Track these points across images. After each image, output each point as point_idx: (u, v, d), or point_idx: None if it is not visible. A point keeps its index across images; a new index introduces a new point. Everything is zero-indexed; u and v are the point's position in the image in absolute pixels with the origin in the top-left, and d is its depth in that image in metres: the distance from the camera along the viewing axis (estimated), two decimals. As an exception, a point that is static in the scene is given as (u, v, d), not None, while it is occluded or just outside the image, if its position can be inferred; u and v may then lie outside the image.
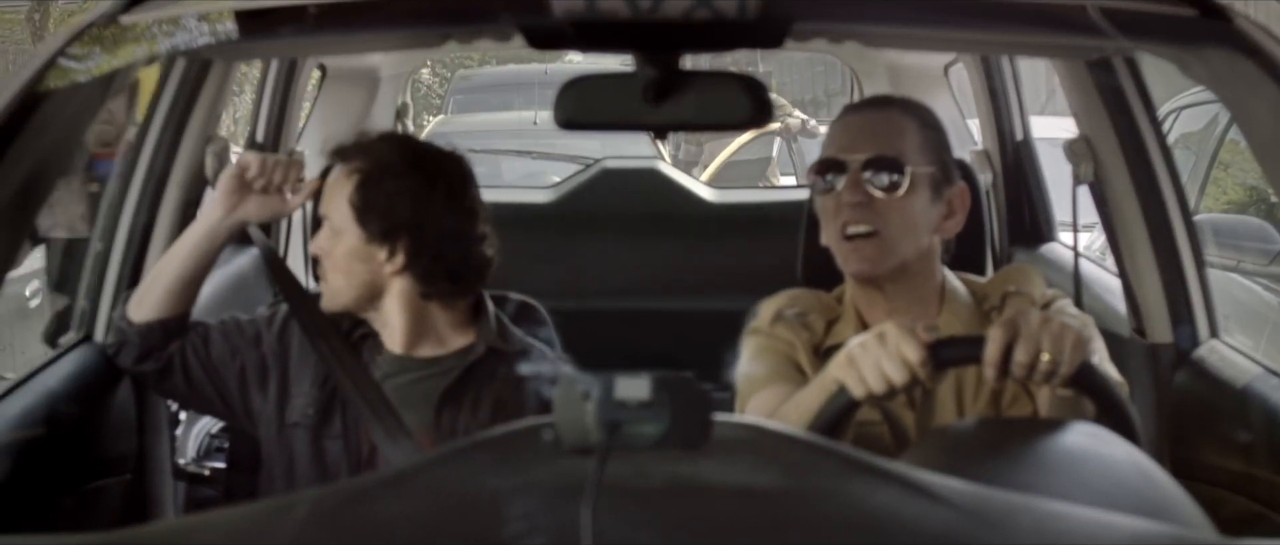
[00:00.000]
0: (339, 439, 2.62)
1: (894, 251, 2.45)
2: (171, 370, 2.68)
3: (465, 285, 2.71)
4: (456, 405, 2.62)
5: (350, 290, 2.62)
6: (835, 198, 2.47)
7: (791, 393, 2.32)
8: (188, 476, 3.13)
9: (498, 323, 2.73)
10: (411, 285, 2.65)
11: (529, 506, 1.30)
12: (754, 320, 2.58)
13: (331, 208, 2.62)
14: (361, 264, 2.62)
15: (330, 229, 2.62)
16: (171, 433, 3.07)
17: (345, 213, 2.61)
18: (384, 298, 2.65)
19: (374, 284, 2.63)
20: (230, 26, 2.10)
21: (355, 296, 2.63)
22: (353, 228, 2.61)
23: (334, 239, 2.61)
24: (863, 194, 2.44)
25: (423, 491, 1.39)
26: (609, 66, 3.53)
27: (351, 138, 2.71)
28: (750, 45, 2.05)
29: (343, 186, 2.62)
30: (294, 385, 2.68)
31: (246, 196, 2.66)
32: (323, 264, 2.63)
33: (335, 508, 1.36)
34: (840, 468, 1.43)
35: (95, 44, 2.03)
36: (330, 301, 2.65)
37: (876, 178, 2.44)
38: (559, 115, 2.00)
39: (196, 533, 1.43)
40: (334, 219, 2.61)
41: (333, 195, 2.63)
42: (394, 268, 2.63)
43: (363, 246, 2.61)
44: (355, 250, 2.61)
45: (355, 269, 2.61)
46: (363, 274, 2.62)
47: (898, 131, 2.48)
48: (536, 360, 2.67)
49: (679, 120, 1.99)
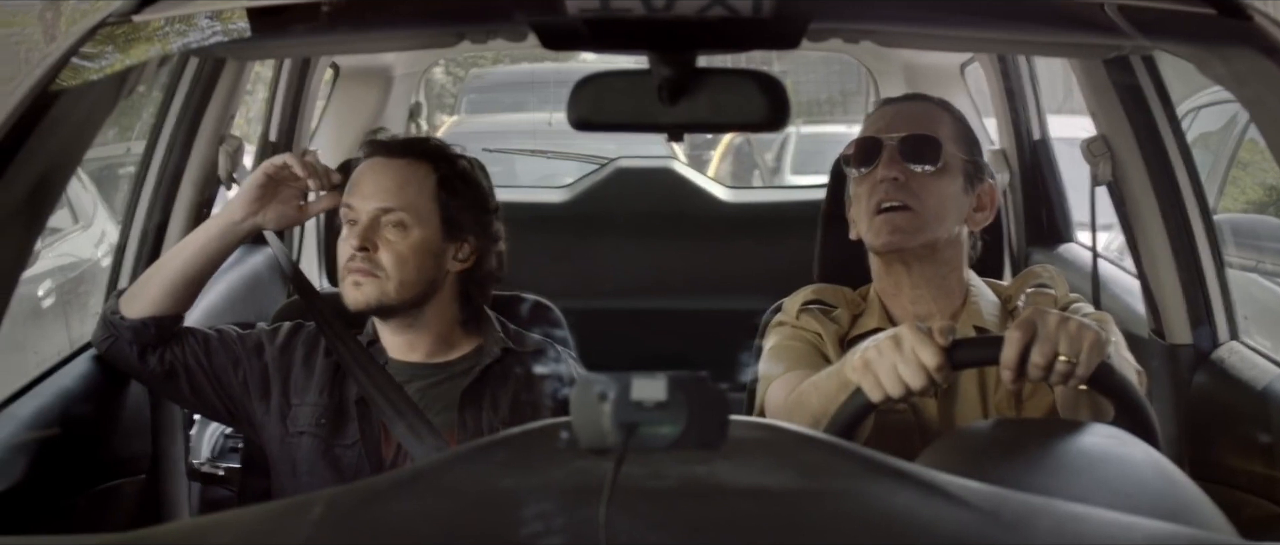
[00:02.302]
0: (353, 447, 2.60)
1: (925, 227, 2.48)
2: (174, 374, 2.66)
3: (490, 289, 2.73)
4: (476, 406, 2.62)
5: (413, 286, 2.60)
6: (871, 176, 2.51)
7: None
8: (202, 477, 3.13)
9: (501, 324, 2.72)
10: (458, 286, 2.66)
11: (545, 506, 1.30)
12: (780, 312, 2.61)
13: (402, 201, 2.59)
14: (433, 259, 2.61)
15: (395, 222, 2.58)
16: (185, 433, 3.06)
17: (427, 207, 2.59)
18: (434, 297, 2.63)
19: (435, 281, 2.62)
20: (243, 25, 2.09)
21: (415, 293, 2.60)
22: (434, 222, 2.60)
23: (402, 232, 2.58)
24: (899, 170, 2.48)
25: (439, 491, 1.39)
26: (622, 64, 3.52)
27: (398, 137, 2.71)
28: (766, 45, 2.04)
29: (421, 182, 2.60)
30: (296, 395, 2.66)
31: (269, 201, 2.64)
32: (376, 257, 2.58)
33: (351, 507, 1.36)
34: (857, 469, 1.43)
35: (108, 42, 2.03)
36: (381, 296, 2.59)
37: (914, 155, 2.49)
38: (572, 115, 1.99)
39: (212, 533, 1.43)
40: (409, 213, 2.58)
41: (402, 189, 2.59)
42: (458, 266, 2.64)
43: (439, 241, 2.61)
44: (430, 244, 2.60)
45: (426, 264, 2.60)
46: (431, 270, 2.61)
47: (935, 118, 2.54)
48: (552, 361, 2.67)
49: (695, 120, 1.97)
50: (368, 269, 2.58)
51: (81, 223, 8.07)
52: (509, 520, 1.30)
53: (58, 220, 7.41)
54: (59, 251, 7.50)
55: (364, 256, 2.58)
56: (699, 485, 1.34)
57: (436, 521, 1.34)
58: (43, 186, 1.94)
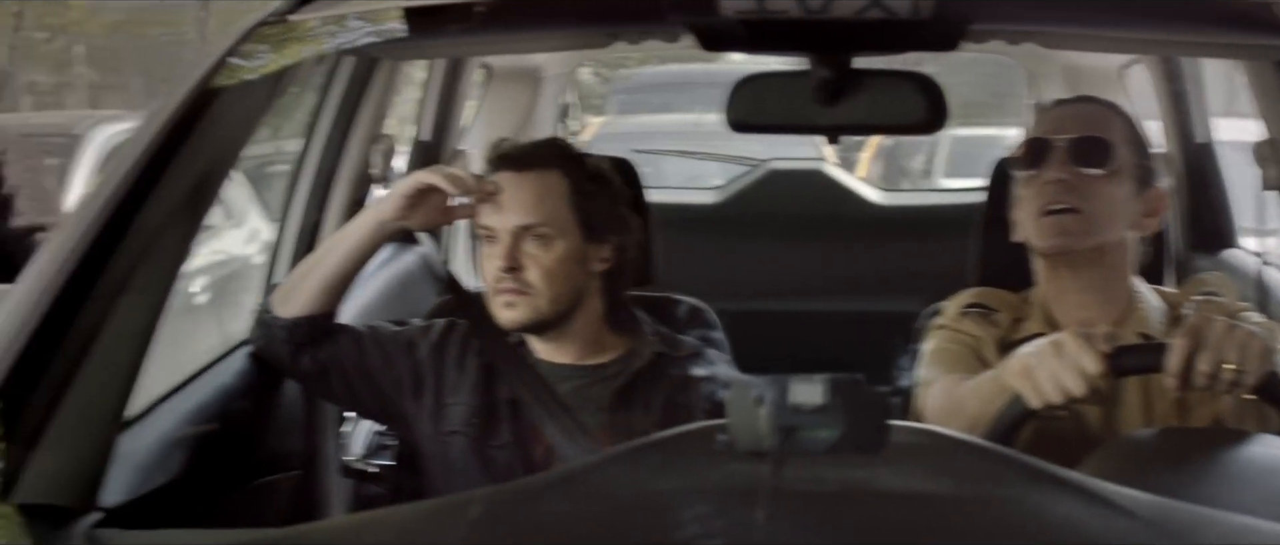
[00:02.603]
0: (506, 447, 2.61)
1: (1094, 230, 2.44)
2: (326, 372, 2.67)
3: (637, 283, 2.73)
4: (628, 408, 2.61)
5: (565, 297, 2.59)
6: (1038, 178, 2.47)
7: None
8: (354, 474, 3.15)
9: (651, 326, 2.71)
10: (604, 285, 2.66)
11: (701, 509, 1.30)
12: (938, 315, 2.59)
13: (541, 215, 2.58)
14: (578, 265, 2.60)
15: (537, 237, 2.57)
16: (339, 430, 3.09)
17: (565, 215, 2.58)
18: (583, 301, 2.63)
19: (582, 288, 2.62)
20: (398, 25, 2.10)
21: (567, 303, 2.60)
22: (574, 229, 2.59)
23: (546, 246, 2.57)
24: (1069, 172, 2.45)
25: (594, 493, 1.39)
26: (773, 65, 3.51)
27: (522, 145, 2.70)
28: (924, 47, 2.02)
29: (555, 191, 2.59)
30: (449, 395, 2.67)
31: (418, 205, 2.64)
32: (524, 277, 2.57)
33: (507, 508, 1.36)
34: (1018, 476, 1.41)
35: (265, 42, 2.05)
36: (535, 313, 2.59)
37: (1083, 157, 2.45)
38: (731, 116, 1.98)
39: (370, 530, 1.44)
40: (550, 225, 2.57)
41: (539, 203, 2.58)
42: (602, 266, 2.63)
43: (581, 246, 2.60)
44: (573, 252, 2.59)
45: (573, 272, 2.59)
46: (578, 276, 2.60)
47: (1106, 121, 2.50)
48: (706, 363, 2.65)
49: (852, 122, 1.96)
50: (518, 288, 2.58)
51: (233, 220, 8.20)
52: (664, 523, 1.30)
53: (211, 218, 7.54)
54: (212, 248, 7.63)
55: (512, 276, 2.57)
56: (857, 490, 1.34)
57: (592, 523, 1.34)
58: (202, 184, 1.96)
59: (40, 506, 1.63)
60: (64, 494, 1.67)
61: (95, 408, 1.74)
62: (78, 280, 1.74)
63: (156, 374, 1.84)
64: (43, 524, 1.60)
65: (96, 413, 1.75)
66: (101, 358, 1.73)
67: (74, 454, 1.70)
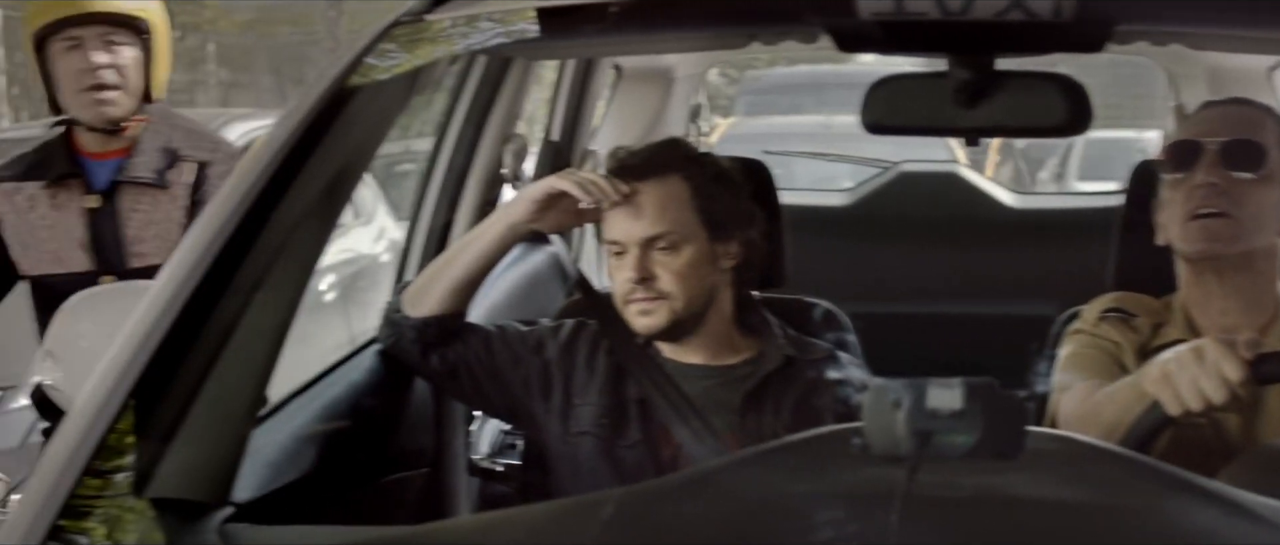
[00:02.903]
0: (635, 447, 2.60)
1: (1243, 236, 2.40)
2: (456, 372, 2.69)
3: (768, 285, 2.72)
4: (759, 410, 2.60)
5: (698, 298, 2.59)
6: (1187, 181, 2.43)
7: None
8: (482, 473, 3.16)
9: (781, 329, 2.69)
10: (735, 284, 2.65)
11: (834, 513, 1.30)
12: (1077, 320, 2.56)
13: (666, 223, 2.57)
14: (709, 266, 2.60)
15: (665, 246, 2.57)
16: (467, 429, 3.10)
17: (690, 219, 2.58)
18: (714, 301, 2.62)
19: (714, 286, 2.62)
20: (532, 25, 2.10)
21: (701, 304, 2.60)
22: (700, 231, 2.59)
23: (674, 253, 2.58)
24: (1219, 176, 2.40)
25: (727, 494, 1.39)
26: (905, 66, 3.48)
27: (640, 152, 2.68)
28: (1067, 48, 1.98)
29: (677, 196, 2.59)
30: (578, 395, 2.67)
31: (550, 208, 2.65)
32: (656, 285, 2.58)
33: (639, 508, 1.36)
34: (1156, 484, 1.39)
35: (401, 41, 2.06)
36: (672, 317, 2.59)
37: (1235, 160, 2.41)
38: (866, 118, 1.96)
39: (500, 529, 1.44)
40: (676, 232, 2.57)
41: (663, 211, 2.58)
42: (731, 263, 2.63)
43: (709, 247, 2.60)
44: (702, 254, 2.59)
45: (704, 273, 2.59)
46: (710, 277, 2.60)
47: (1259, 124, 2.46)
48: (838, 367, 2.63)
49: (992, 124, 1.93)
50: (651, 296, 2.58)
51: (362, 219, 8.29)
52: (797, 526, 1.30)
53: (341, 216, 7.61)
54: (341, 246, 7.71)
55: (644, 286, 2.58)
56: (993, 496, 1.33)
57: (724, 525, 1.35)
58: (336, 183, 1.98)
59: (173, 501, 1.64)
60: (197, 489, 1.68)
61: (229, 404, 1.76)
62: (214, 277, 1.75)
63: (285, 371, 1.85)
64: (175, 518, 1.62)
65: (231, 409, 1.76)
66: (236, 354, 1.74)
67: (207, 449, 1.72)
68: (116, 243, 3.18)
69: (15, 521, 1.57)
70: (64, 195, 3.21)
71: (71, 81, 3.14)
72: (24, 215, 3.22)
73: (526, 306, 3.38)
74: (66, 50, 3.14)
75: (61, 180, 3.22)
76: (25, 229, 3.22)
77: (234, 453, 1.74)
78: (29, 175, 3.25)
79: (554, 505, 1.45)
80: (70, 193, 3.21)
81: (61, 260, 3.19)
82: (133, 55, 3.17)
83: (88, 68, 3.12)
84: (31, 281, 3.24)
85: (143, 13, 3.18)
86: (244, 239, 1.79)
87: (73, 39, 3.13)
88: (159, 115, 3.26)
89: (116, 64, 3.14)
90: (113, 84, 3.14)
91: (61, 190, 3.22)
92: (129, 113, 3.19)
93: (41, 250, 3.21)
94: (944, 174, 4.70)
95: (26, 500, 1.58)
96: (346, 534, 1.77)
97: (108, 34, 3.14)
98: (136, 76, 3.18)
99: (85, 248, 3.19)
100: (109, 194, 3.20)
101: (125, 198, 3.19)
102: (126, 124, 3.20)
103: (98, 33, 3.13)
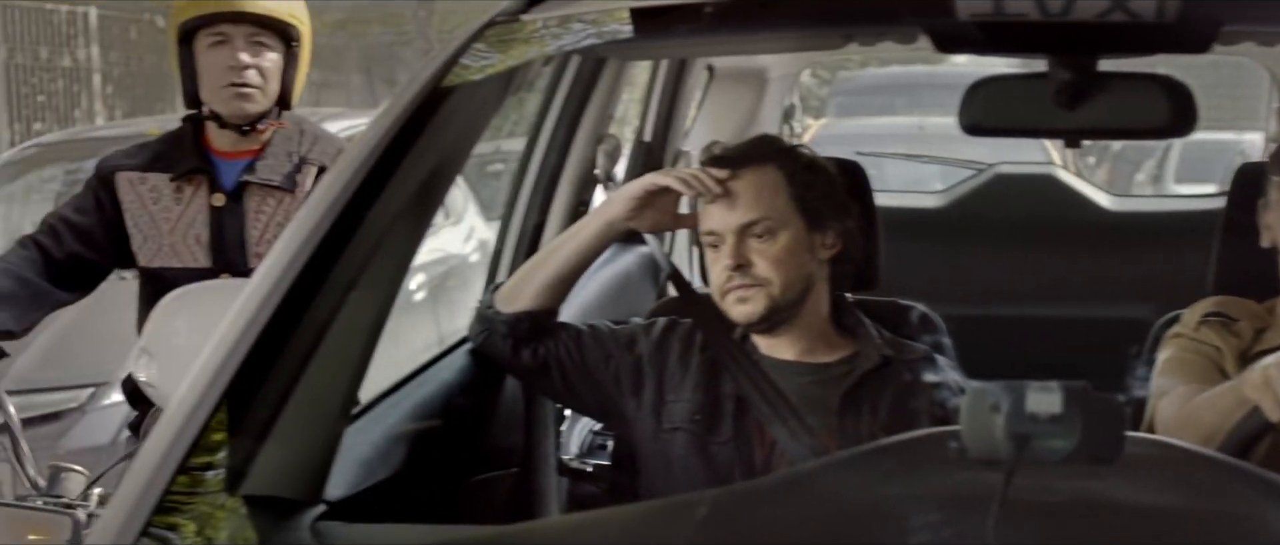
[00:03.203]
0: (727, 444, 2.60)
1: None
2: (547, 369, 2.69)
3: (862, 286, 2.70)
4: (856, 411, 2.59)
5: (795, 284, 2.59)
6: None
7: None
8: (571, 473, 3.16)
9: (877, 330, 2.68)
10: (832, 278, 2.65)
11: (930, 517, 1.30)
12: (1176, 324, 2.53)
13: (761, 209, 2.58)
14: (806, 253, 2.60)
15: (761, 233, 2.57)
16: (557, 429, 3.10)
17: (785, 206, 2.59)
18: (811, 291, 2.62)
19: (811, 276, 2.61)
20: (626, 25, 2.10)
21: (798, 291, 2.60)
22: (796, 218, 2.59)
23: (770, 240, 2.58)
24: None
25: (823, 496, 1.39)
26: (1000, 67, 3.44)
27: (734, 146, 2.68)
28: (1171, 49, 1.94)
29: (772, 184, 2.59)
30: (671, 392, 2.67)
31: (648, 208, 2.65)
32: (753, 272, 2.58)
33: (734, 509, 1.36)
34: (1256, 491, 1.37)
35: (496, 41, 2.06)
36: (770, 304, 2.58)
37: None
38: (964, 119, 1.93)
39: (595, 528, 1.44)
40: (772, 218, 2.57)
41: (758, 198, 2.58)
42: (828, 253, 2.63)
43: (805, 235, 2.60)
44: (799, 240, 2.59)
45: (801, 260, 2.59)
46: (807, 263, 2.60)
47: None
48: (934, 369, 2.61)
49: (1094, 126, 1.90)
50: (748, 283, 2.58)
51: (452, 218, 8.32)
52: (893, 529, 1.30)
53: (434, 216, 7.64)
54: (430, 246, 7.75)
55: (741, 273, 2.58)
56: (1091, 502, 1.32)
57: (820, 527, 1.34)
58: (430, 182, 1.98)
59: (265, 499, 1.65)
60: (289, 487, 1.69)
61: (323, 402, 1.77)
62: (309, 276, 1.76)
63: (375, 370, 1.85)
64: (267, 516, 1.62)
65: (324, 407, 1.77)
66: (331, 353, 1.75)
67: (301, 448, 1.73)
68: (239, 243, 3.21)
69: (109, 519, 1.58)
70: (190, 190, 3.24)
71: (215, 77, 3.18)
72: (147, 206, 3.25)
73: (618, 306, 3.38)
74: (213, 45, 3.17)
75: (188, 175, 3.24)
76: (147, 220, 3.24)
77: (327, 451, 1.75)
78: (154, 166, 3.27)
79: (647, 506, 1.45)
80: (196, 189, 3.24)
81: (179, 254, 3.22)
82: (275, 58, 3.20)
83: (234, 65, 3.15)
84: (145, 272, 3.26)
85: (291, 17, 3.21)
86: (339, 238, 1.80)
87: (221, 35, 3.16)
88: (292, 121, 3.29)
89: (259, 65, 3.18)
90: (255, 84, 3.17)
91: (187, 185, 3.24)
92: (264, 112, 3.21)
93: (161, 242, 3.23)
94: (1041, 176, 4.66)
95: (120, 498, 1.59)
96: (437, 533, 1.77)
97: (255, 35, 3.17)
98: (276, 80, 3.21)
99: (206, 245, 3.22)
100: (235, 194, 3.23)
101: (252, 199, 3.22)
102: (261, 126, 3.23)
103: (245, 32, 3.16)
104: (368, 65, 24.98)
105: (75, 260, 3.22)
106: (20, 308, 3.09)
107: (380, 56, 25.06)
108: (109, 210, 3.25)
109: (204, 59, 3.18)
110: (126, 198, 3.26)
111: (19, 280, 3.13)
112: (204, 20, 3.16)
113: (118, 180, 3.26)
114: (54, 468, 2.84)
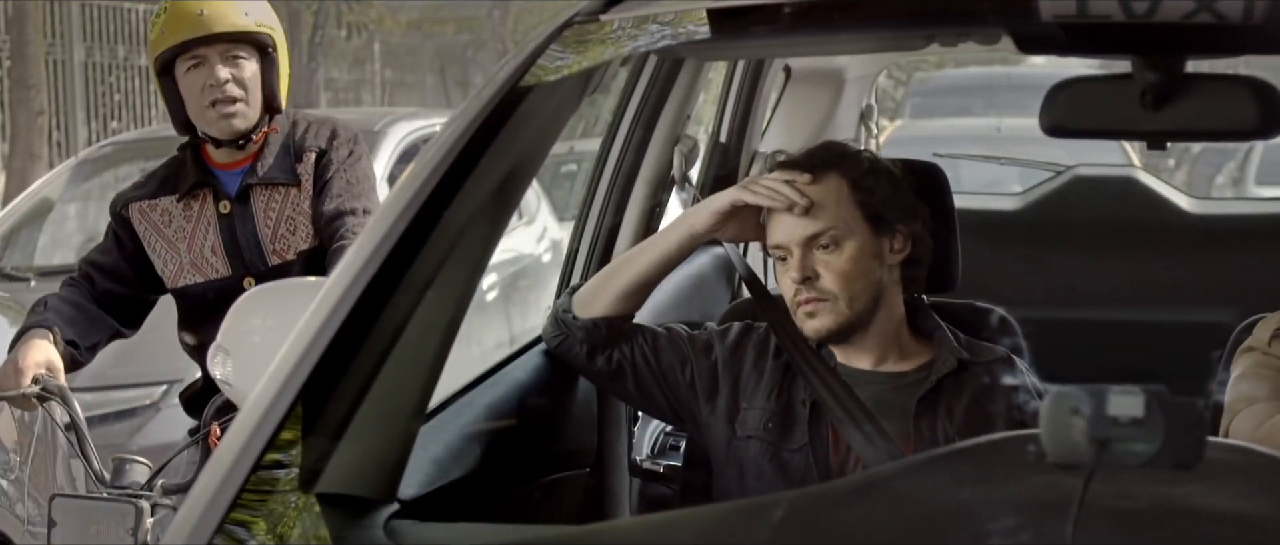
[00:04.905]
0: (802, 450, 2.58)
1: None
2: (622, 372, 2.69)
3: (937, 290, 2.68)
4: (932, 415, 2.57)
5: (864, 295, 2.57)
6: None
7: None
8: (643, 473, 3.16)
9: (953, 334, 2.65)
10: (902, 278, 2.63)
11: (1008, 521, 1.29)
12: (1249, 337, 2.49)
13: (825, 220, 2.55)
14: (874, 260, 2.58)
15: (826, 244, 2.55)
16: (629, 429, 3.09)
17: (850, 214, 2.57)
18: (883, 298, 2.60)
19: (881, 283, 2.59)
20: (704, 25, 2.09)
21: (868, 302, 2.58)
22: (861, 226, 2.57)
23: (836, 250, 2.56)
24: None
25: (897, 499, 1.39)
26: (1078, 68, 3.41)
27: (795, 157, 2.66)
28: (1259, 50, 1.92)
29: (836, 192, 2.57)
30: (745, 398, 2.65)
31: (734, 218, 2.63)
32: (821, 285, 2.56)
33: (811, 511, 1.35)
34: None
35: (573, 41, 2.06)
36: (838, 318, 2.57)
37: None
38: (1045, 120, 1.91)
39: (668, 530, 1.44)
40: (837, 228, 2.55)
41: (821, 209, 2.56)
42: (897, 257, 2.61)
43: (872, 241, 2.58)
44: (866, 248, 2.57)
45: (869, 269, 2.57)
46: (876, 271, 2.58)
47: None
48: (1012, 373, 2.58)
49: (1179, 128, 1.87)
50: (817, 297, 2.57)
51: (525, 219, 8.33)
52: (970, 533, 1.28)
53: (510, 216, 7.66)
54: (503, 246, 7.77)
55: (809, 287, 2.56)
56: (1171, 508, 1.31)
57: (897, 530, 1.33)
58: (507, 182, 1.98)
59: (339, 497, 1.65)
60: (363, 485, 1.69)
61: (398, 401, 1.77)
62: (385, 276, 1.76)
63: (448, 369, 1.85)
64: (341, 514, 1.63)
65: (399, 406, 1.77)
66: (406, 352, 1.75)
67: (375, 446, 1.73)
68: (253, 244, 3.29)
69: (184, 516, 1.58)
70: (197, 205, 3.33)
71: (198, 98, 3.25)
72: (161, 230, 3.34)
73: (691, 307, 3.37)
74: (191, 69, 3.25)
75: (193, 191, 3.33)
76: (163, 243, 3.34)
77: (401, 450, 1.75)
78: (161, 191, 3.37)
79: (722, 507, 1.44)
80: (203, 202, 3.33)
81: (200, 268, 3.31)
82: (253, 68, 3.27)
83: (213, 83, 3.23)
84: (175, 294, 3.35)
85: (261, 27, 3.28)
86: (415, 238, 1.80)
87: (197, 58, 3.24)
88: (284, 116, 3.35)
89: (238, 77, 3.25)
90: (236, 96, 3.23)
91: (194, 200, 3.33)
92: (253, 124, 3.28)
93: (181, 261, 3.32)
94: (1121, 178, 4.61)
95: (195, 495, 1.60)
96: (509, 533, 1.77)
97: (229, 50, 3.25)
98: (257, 89, 3.28)
99: (221, 253, 3.30)
100: (241, 198, 3.31)
101: (257, 199, 3.30)
102: (254, 137, 3.29)
103: (220, 50, 3.24)
104: (442, 65, 25.10)
105: (112, 298, 3.34)
106: (81, 328, 3.21)
107: (454, 57, 25.17)
108: (129, 245, 3.36)
109: (185, 83, 3.26)
110: (140, 227, 3.35)
111: (75, 305, 3.26)
112: (179, 48, 3.23)
113: (131, 213, 3.37)
114: (118, 460, 2.93)
